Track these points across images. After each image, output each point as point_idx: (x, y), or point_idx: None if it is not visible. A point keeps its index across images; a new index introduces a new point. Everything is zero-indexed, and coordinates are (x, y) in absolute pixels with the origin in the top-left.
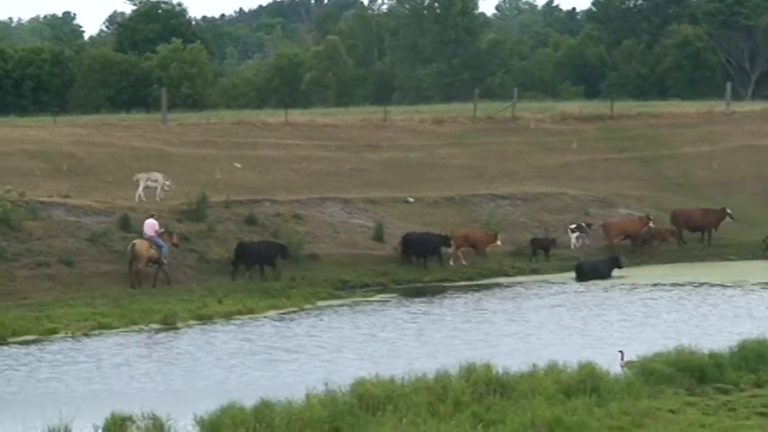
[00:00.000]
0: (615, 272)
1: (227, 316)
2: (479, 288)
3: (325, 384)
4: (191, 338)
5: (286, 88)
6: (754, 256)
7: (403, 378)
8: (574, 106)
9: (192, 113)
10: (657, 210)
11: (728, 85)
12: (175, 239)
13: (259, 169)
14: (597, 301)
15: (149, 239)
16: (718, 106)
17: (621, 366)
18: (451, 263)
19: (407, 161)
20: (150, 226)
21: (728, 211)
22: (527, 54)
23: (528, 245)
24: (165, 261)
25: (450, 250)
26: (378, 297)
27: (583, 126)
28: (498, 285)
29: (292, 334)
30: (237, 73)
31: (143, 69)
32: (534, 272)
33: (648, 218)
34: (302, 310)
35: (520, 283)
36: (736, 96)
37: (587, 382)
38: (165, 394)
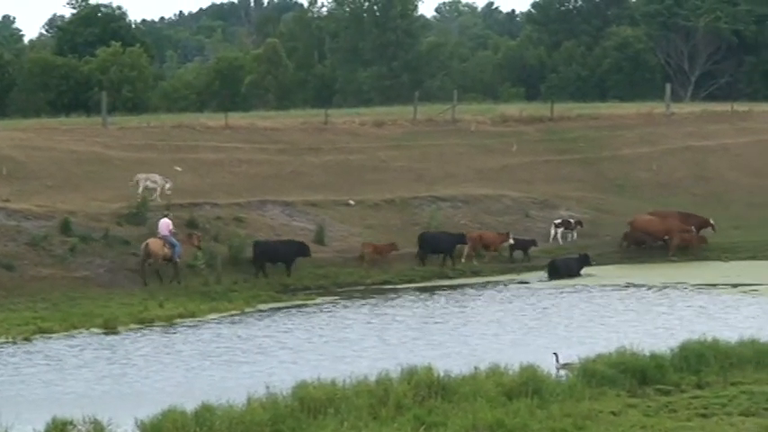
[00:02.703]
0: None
1: (169, 320)
2: (424, 290)
3: (267, 387)
4: (149, 341)
5: (226, 91)
6: (696, 258)
7: (344, 381)
8: (514, 108)
9: (133, 117)
10: (598, 211)
11: (668, 87)
12: (196, 241)
13: (199, 172)
14: (548, 301)
15: (163, 238)
16: (657, 108)
17: (557, 369)
18: (475, 262)
19: (348, 164)
20: (165, 225)
21: (712, 222)
22: (467, 56)
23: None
24: (178, 260)
25: (466, 251)
26: (319, 300)
27: (523, 128)
28: (442, 288)
29: (249, 336)
30: (177, 76)
31: (83, 73)
32: (476, 274)
33: (689, 218)
34: (244, 313)
35: (465, 285)
36: (676, 98)
37: (529, 385)
38: (130, 396)
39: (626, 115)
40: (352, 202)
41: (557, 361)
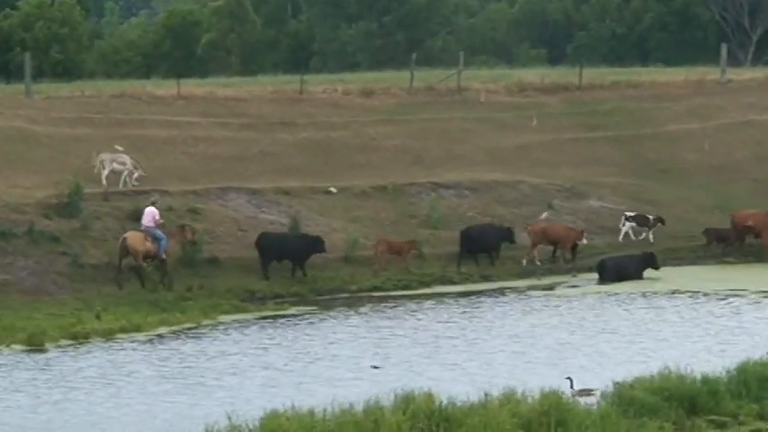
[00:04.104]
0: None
1: (108, 334)
2: (425, 298)
3: (229, 418)
4: (94, 359)
5: (179, 53)
6: (757, 260)
7: (325, 410)
8: (534, 74)
9: (64, 84)
10: (637, 201)
11: (724, 48)
12: (189, 234)
13: (146, 153)
14: (583, 312)
15: (145, 231)
16: (711, 74)
17: (572, 396)
18: (524, 263)
19: (329, 142)
20: (150, 215)
21: None
22: (476, 10)
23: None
24: (165, 256)
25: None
26: (294, 310)
27: (545, 99)
28: (448, 295)
29: (217, 353)
30: (119, 34)
31: (2, 30)
32: (485, 278)
33: None
34: (201, 326)
35: (475, 291)
36: (734, 61)
37: (551, 415)
38: (76, 427)
39: (672, 83)
40: (333, 189)
41: (571, 386)
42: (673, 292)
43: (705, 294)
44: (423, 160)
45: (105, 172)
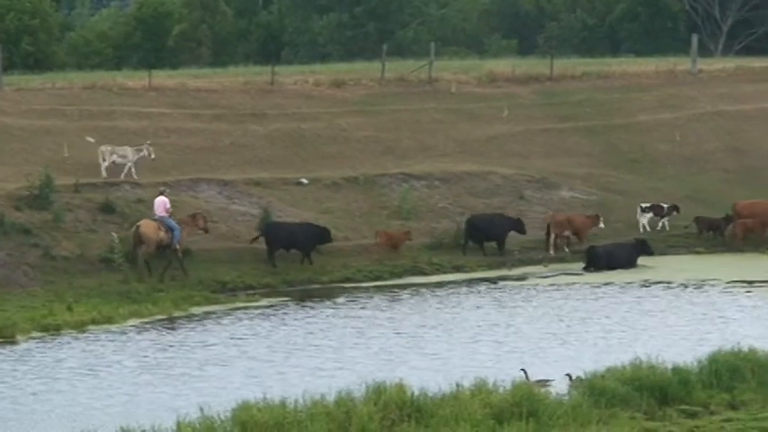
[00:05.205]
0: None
1: (80, 326)
2: (399, 288)
3: (201, 409)
4: (71, 350)
5: (150, 45)
6: (728, 250)
7: (296, 401)
8: (505, 65)
9: (34, 75)
10: (608, 191)
11: (694, 38)
12: (201, 222)
13: (117, 144)
14: (561, 301)
15: (159, 220)
16: (681, 64)
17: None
18: (552, 252)
19: (300, 134)
20: (161, 204)
21: None
22: (447, 0)
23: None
24: (178, 246)
25: (552, 239)
26: (265, 302)
27: (516, 89)
28: (422, 285)
29: (196, 344)
30: (90, 26)
31: None
32: (458, 269)
33: None
34: (172, 317)
35: (448, 282)
36: (704, 52)
37: (523, 405)
38: (61, 419)
39: (643, 73)
40: (305, 180)
41: (526, 378)
42: (646, 282)
43: (679, 284)
44: (394, 151)
45: (105, 164)
